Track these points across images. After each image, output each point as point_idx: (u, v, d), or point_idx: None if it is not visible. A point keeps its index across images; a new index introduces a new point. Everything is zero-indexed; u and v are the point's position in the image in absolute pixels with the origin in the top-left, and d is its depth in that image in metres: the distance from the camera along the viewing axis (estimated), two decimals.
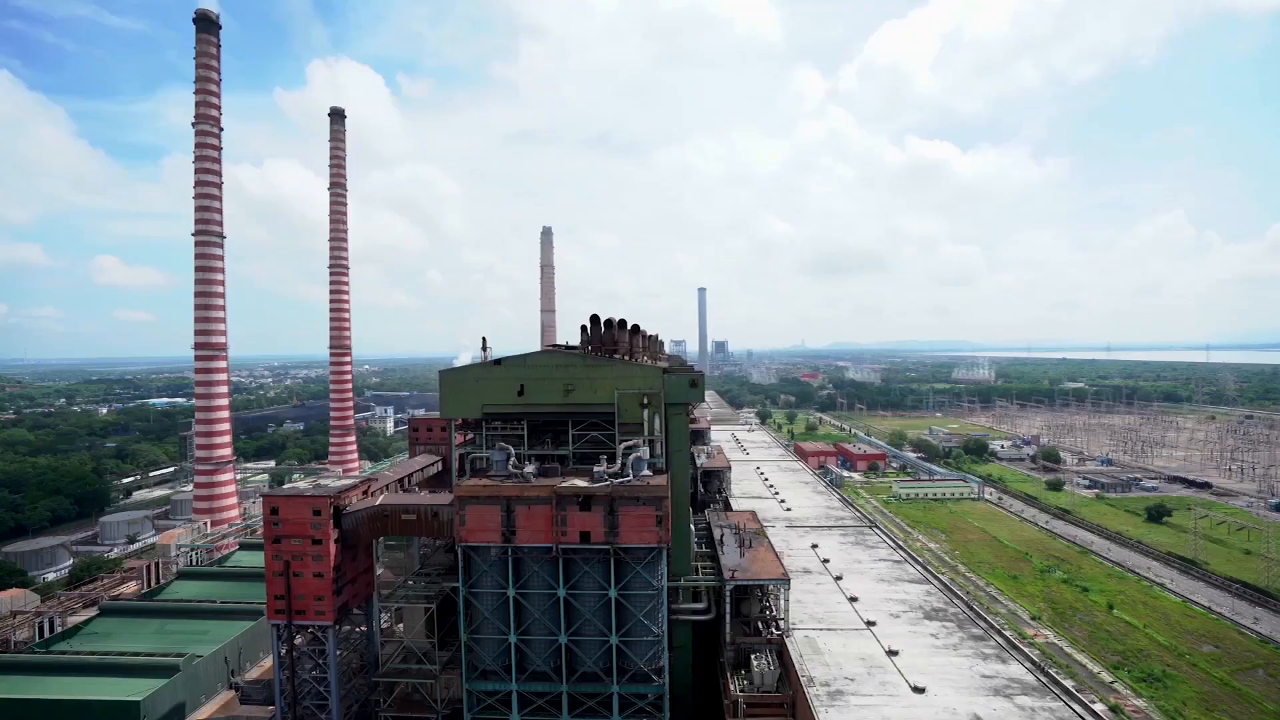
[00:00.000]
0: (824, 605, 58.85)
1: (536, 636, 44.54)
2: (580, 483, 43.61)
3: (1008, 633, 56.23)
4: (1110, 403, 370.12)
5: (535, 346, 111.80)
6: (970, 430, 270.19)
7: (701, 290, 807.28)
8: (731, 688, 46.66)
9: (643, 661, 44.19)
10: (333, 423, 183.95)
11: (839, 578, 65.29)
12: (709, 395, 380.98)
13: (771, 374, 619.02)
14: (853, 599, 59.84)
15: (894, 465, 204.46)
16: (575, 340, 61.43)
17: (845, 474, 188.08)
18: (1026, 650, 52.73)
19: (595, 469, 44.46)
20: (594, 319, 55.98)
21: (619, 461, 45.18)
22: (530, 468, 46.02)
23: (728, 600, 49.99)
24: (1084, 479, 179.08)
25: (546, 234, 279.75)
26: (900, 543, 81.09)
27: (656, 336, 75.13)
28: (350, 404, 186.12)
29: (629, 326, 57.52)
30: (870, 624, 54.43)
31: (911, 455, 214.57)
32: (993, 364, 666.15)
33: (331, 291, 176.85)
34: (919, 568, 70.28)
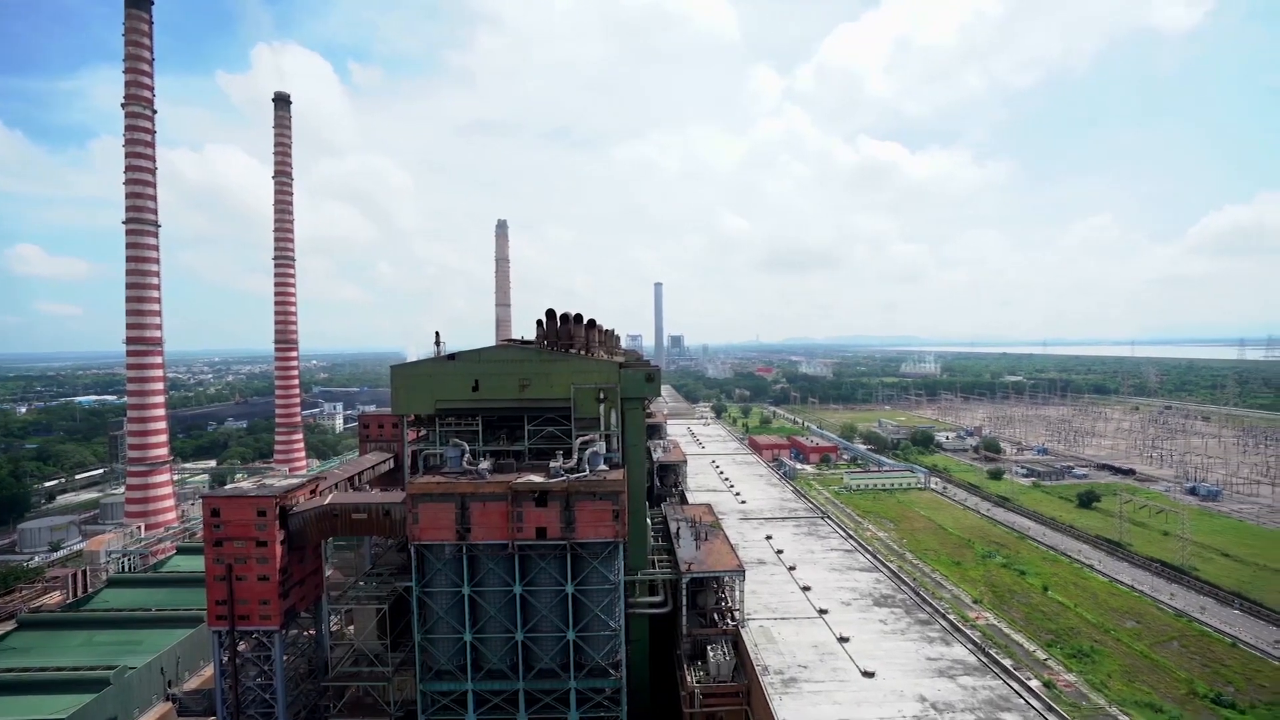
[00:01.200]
0: (778, 595, 60.07)
1: (492, 634, 44.06)
2: (536, 478, 43.28)
3: (951, 616, 58.55)
4: (1046, 395, 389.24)
5: (490, 341, 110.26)
6: (917, 422, 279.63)
7: (659, 285, 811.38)
8: (688, 679, 47.22)
9: (600, 656, 44.25)
10: (278, 420, 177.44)
11: (792, 568, 66.71)
12: (665, 390, 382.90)
13: (727, 369, 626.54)
14: (806, 588, 61.26)
15: (845, 457, 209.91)
16: (531, 335, 60.93)
17: (798, 466, 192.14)
18: (969, 632, 55.05)
19: (551, 464, 44.21)
20: (550, 313, 55.56)
21: (575, 457, 45.03)
22: (485, 464, 45.41)
23: (684, 593, 50.55)
24: (1022, 468, 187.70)
25: (502, 227, 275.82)
26: (851, 533, 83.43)
27: (613, 331, 75.07)
28: (297, 400, 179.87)
29: (585, 321, 57.31)
30: (823, 612, 55.86)
31: (862, 447, 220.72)
32: (939, 359, 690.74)
33: (277, 283, 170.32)
34: (869, 556, 72.43)
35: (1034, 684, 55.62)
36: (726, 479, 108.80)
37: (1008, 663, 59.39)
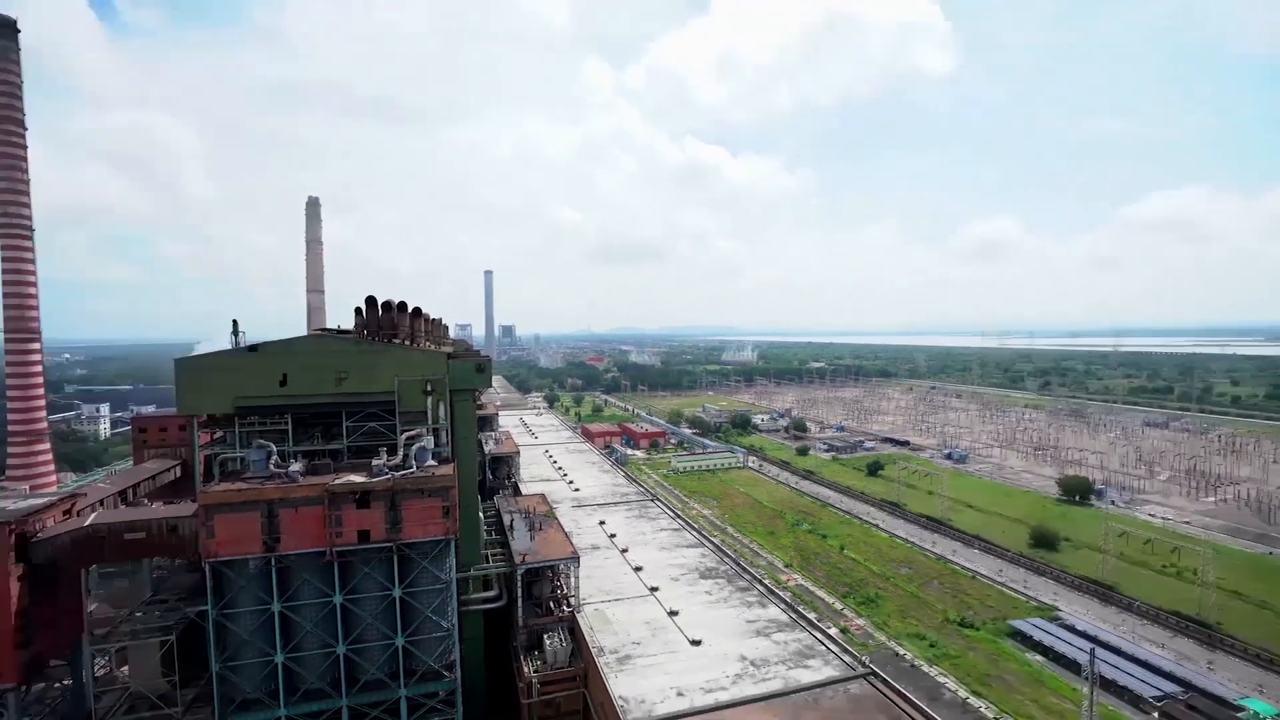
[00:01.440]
0: (612, 578, 61.96)
1: (309, 651, 40.23)
2: (357, 478, 40.20)
3: (767, 581, 64.64)
4: (843, 379, 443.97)
5: (301, 331, 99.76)
6: (737, 406, 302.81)
7: (489, 273, 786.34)
8: (525, 670, 47.09)
9: (433, 659, 42.45)
10: (13, 428, 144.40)
11: (625, 550, 69.15)
12: (497, 380, 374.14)
13: (559, 358, 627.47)
14: (638, 568, 63.87)
15: (673, 441, 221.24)
16: (350, 324, 56.16)
17: (629, 452, 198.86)
18: (781, 594, 61.23)
19: (374, 462, 41.30)
20: (370, 301, 51.64)
21: (401, 453, 42.54)
22: (296, 466, 41.19)
23: (519, 584, 50.20)
24: (824, 444, 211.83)
25: (313, 205, 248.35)
26: (679, 512, 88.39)
27: (440, 320, 71.71)
28: (41, 403, 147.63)
29: (411, 310, 54.09)
30: (654, 590, 58.68)
31: (688, 431, 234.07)
32: (756, 348, 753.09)
33: (6, 260, 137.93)
34: (695, 534, 77.33)
35: (833, 631, 63.48)
36: (560, 468, 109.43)
37: (813, 616, 67.10)
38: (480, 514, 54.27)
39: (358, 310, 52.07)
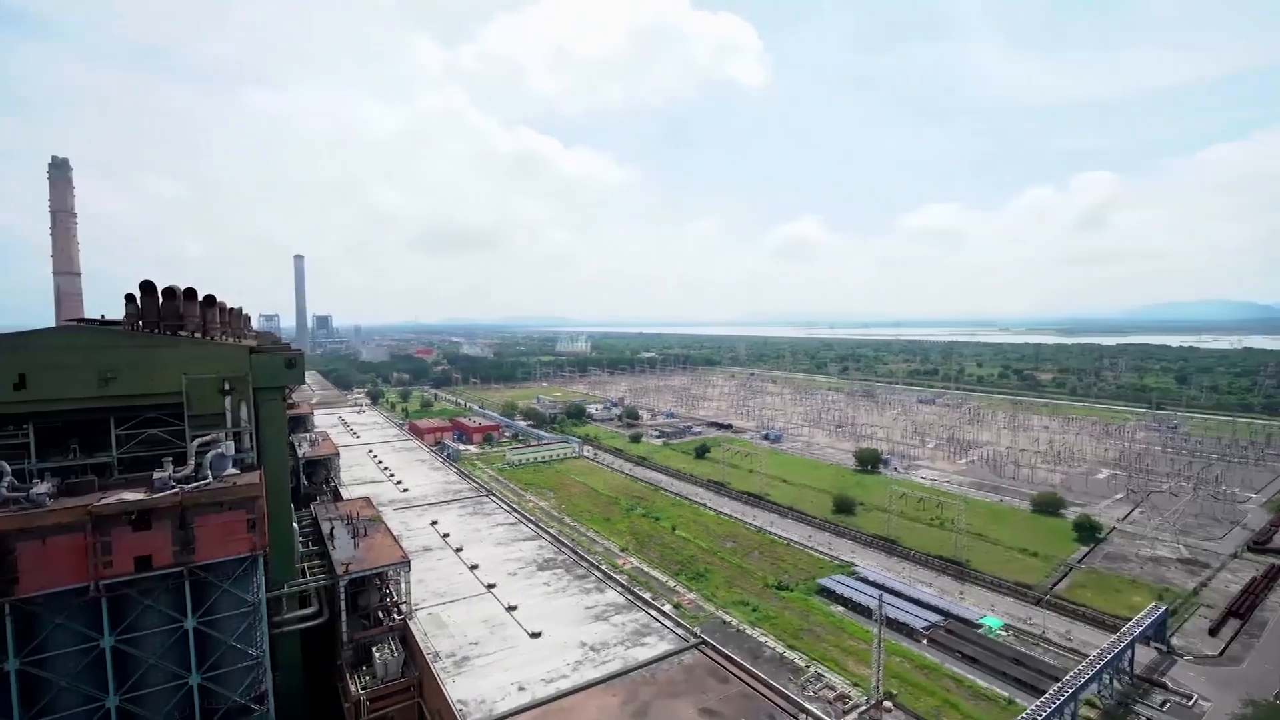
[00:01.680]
0: (446, 579, 59.50)
1: (67, 711, 33.49)
2: (133, 495, 34.22)
3: (604, 567, 66.13)
4: (672, 368, 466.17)
5: (48, 321, 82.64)
6: (571, 396, 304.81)
7: (299, 259, 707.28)
8: (352, 688, 43.63)
9: (238, 693, 37.59)
10: None
11: (460, 549, 66.72)
12: (311, 376, 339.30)
13: (383, 351, 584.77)
14: (474, 566, 61.99)
15: (508, 434, 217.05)
16: (118, 314, 47.31)
17: (462, 448, 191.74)
18: (618, 578, 63.01)
19: (156, 475, 35.44)
20: (147, 286, 43.86)
21: (192, 462, 36.99)
22: (44, 486, 34.00)
23: (343, 597, 46.28)
24: (655, 430, 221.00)
25: (60, 168, 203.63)
26: (515, 506, 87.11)
27: (241, 310, 63.12)
28: None
29: (203, 298, 46.95)
30: (491, 586, 57.36)
31: (522, 424, 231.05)
32: (589, 338, 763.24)
33: None
34: (532, 526, 76.76)
35: (667, 608, 66.73)
36: (386, 468, 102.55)
37: (648, 595, 69.94)
38: (295, 524, 49.04)
39: (129, 298, 43.98)
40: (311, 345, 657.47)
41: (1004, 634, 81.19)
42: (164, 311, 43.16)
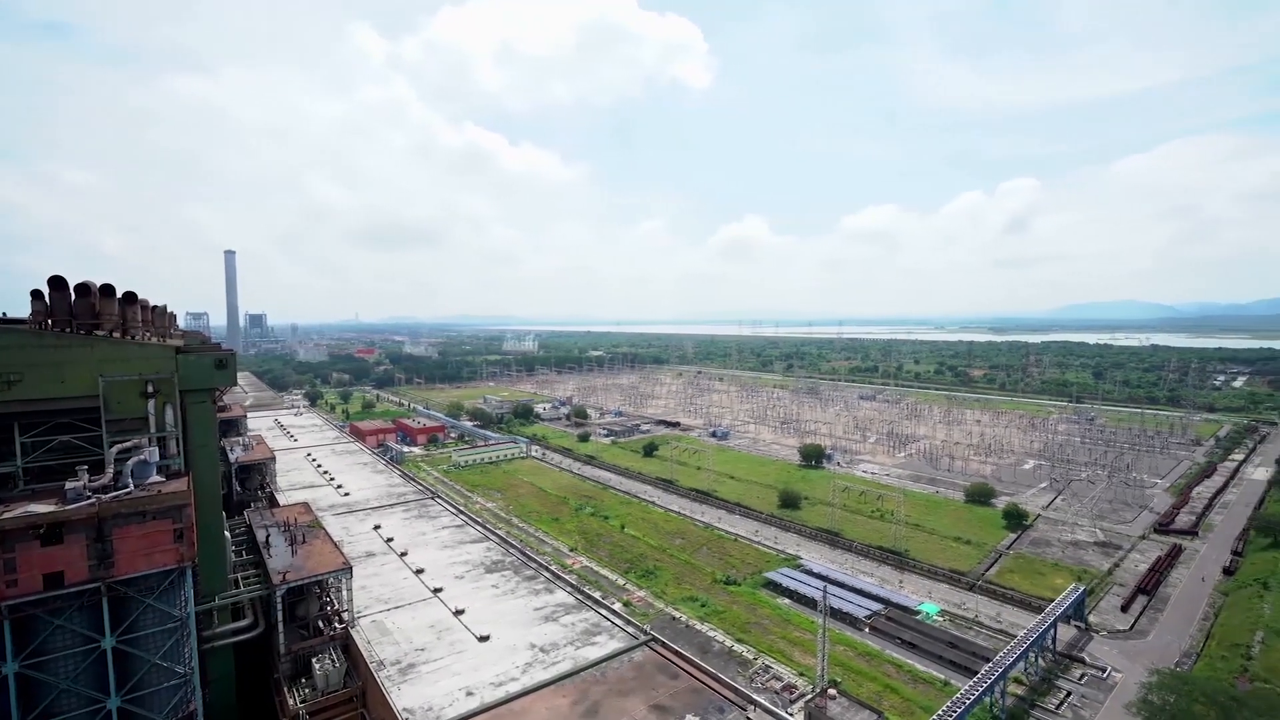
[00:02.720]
0: (391, 584, 57.90)
1: None
2: (41, 507, 31.85)
3: (553, 567, 65.70)
4: (620, 366, 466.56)
5: None
6: (519, 396, 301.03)
7: (230, 254, 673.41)
8: (290, 702, 41.91)
9: (164, 714, 35.53)
10: None
11: (404, 553, 65.04)
12: (244, 377, 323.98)
13: (322, 350, 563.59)
14: (419, 571, 60.54)
15: (453, 435, 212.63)
16: (22, 313, 43.85)
17: (406, 449, 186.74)
18: (567, 578, 62.67)
19: (69, 485, 33.07)
20: (57, 282, 40.80)
21: (110, 470, 34.71)
22: None
23: (279, 607, 44.36)
24: (604, 429, 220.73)
25: None
26: (461, 508, 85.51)
27: (165, 308, 59.57)
28: None
29: (122, 294, 44.04)
30: (437, 591, 56.13)
31: (469, 424, 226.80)
32: (536, 337, 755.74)
33: None
34: (479, 528, 75.52)
35: (617, 606, 66.78)
36: (326, 472, 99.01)
37: (598, 595, 69.84)
38: (227, 532, 46.69)
39: (36, 294, 40.84)
40: (244, 345, 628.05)
41: (940, 619, 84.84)
42: (77, 309, 40.28)
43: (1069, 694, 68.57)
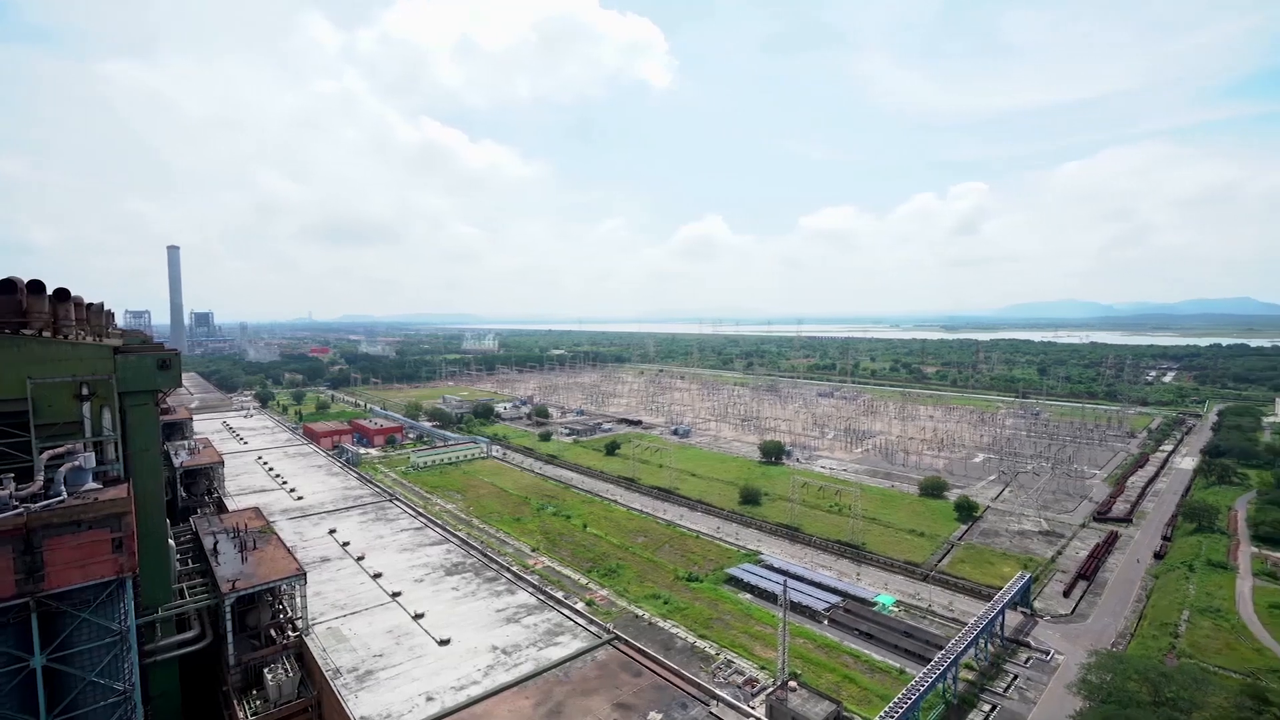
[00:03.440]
0: (347, 590, 56.46)
1: None
2: None
3: (514, 568, 64.99)
4: (582, 365, 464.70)
5: None
6: (479, 395, 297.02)
7: (174, 250, 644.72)
8: (240, 715, 40.47)
9: None
10: None
11: (361, 558, 63.51)
12: (189, 378, 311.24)
13: (274, 350, 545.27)
14: (377, 575, 59.19)
15: (411, 436, 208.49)
16: None
17: (362, 451, 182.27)
18: (529, 578, 62.14)
19: None
20: None
21: (40, 477, 32.85)
22: None
23: (228, 616, 42.77)
24: (566, 428, 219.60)
25: None
26: (420, 510, 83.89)
27: (103, 306, 56.69)
28: None
29: (52, 291, 41.70)
30: (396, 595, 54.97)
31: (427, 424, 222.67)
32: (496, 336, 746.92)
33: None
34: (438, 530, 74.25)
35: (579, 605, 66.53)
36: (278, 475, 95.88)
37: (560, 594, 69.50)
38: (172, 540, 44.74)
39: None
40: (190, 344, 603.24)
41: (896, 610, 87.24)
42: (4, 307, 37.98)
43: (1015, 677, 71.37)
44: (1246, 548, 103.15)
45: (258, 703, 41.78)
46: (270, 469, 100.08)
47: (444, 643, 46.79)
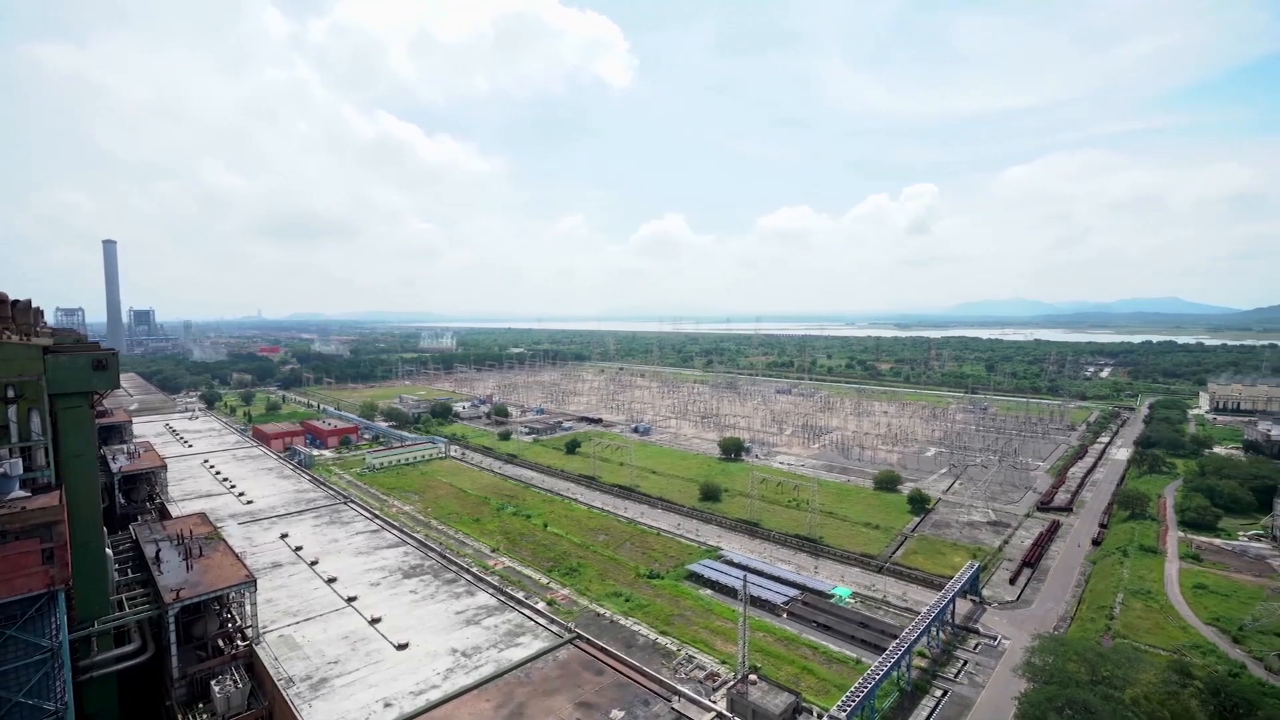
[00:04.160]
0: (300, 595, 54.85)
1: None
2: None
3: (474, 569, 64.24)
4: (541, 363, 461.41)
5: None
6: (436, 395, 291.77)
7: (110, 244, 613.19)
8: None
9: None
10: None
11: (314, 562, 61.80)
12: (129, 379, 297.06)
13: (221, 349, 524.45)
14: (331, 580, 57.70)
15: (367, 437, 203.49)
16: None
17: (316, 453, 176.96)
18: (489, 579, 61.49)
19: None
20: None
21: None
22: None
23: (172, 627, 41.07)
24: (525, 427, 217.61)
25: None
26: (377, 512, 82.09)
27: (29, 303, 53.53)
28: None
29: None
30: (351, 600, 53.69)
31: (383, 425, 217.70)
32: (455, 334, 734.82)
33: None
34: (396, 533, 72.77)
35: (541, 605, 66.17)
36: (226, 479, 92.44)
37: (521, 595, 68.91)
38: (109, 550, 42.64)
39: None
40: (129, 343, 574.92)
41: (853, 601, 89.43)
42: None
43: (965, 663, 74.06)
44: (1174, 533, 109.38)
45: (205, 716, 40.23)
46: (218, 473, 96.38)
47: (402, 647, 45.93)
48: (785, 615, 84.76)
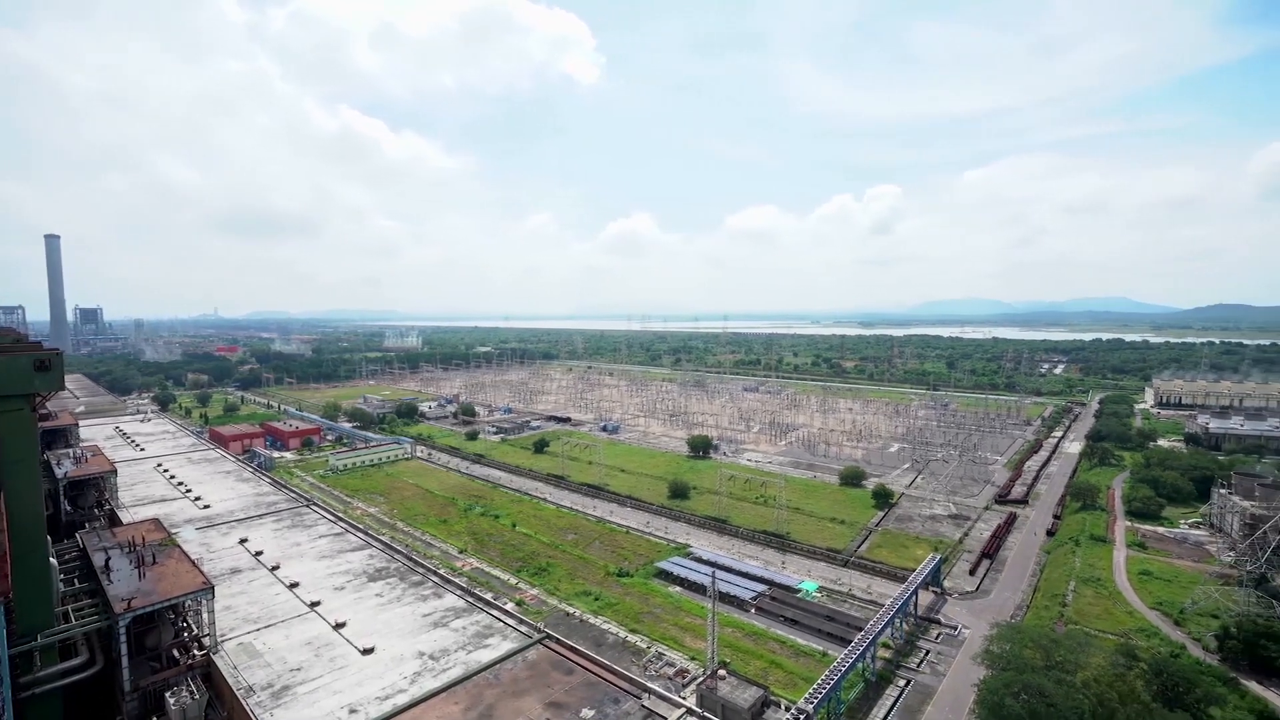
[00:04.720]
0: (260, 602, 53.44)
1: None
2: None
3: (442, 571, 63.43)
4: (509, 362, 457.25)
5: None
6: (402, 395, 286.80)
7: (53, 239, 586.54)
8: None
9: None
10: None
11: (276, 567, 60.27)
12: (75, 380, 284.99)
13: (175, 349, 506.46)
14: (294, 585, 56.35)
15: (330, 438, 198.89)
16: None
17: (276, 455, 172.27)
18: (457, 581, 60.79)
19: None
20: None
21: None
22: None
23: (123, 638, 39.59)
24: (493, 427, 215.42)
25: None
26: (340, 515, 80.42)
27: None
28: None
29: None
30: (315, 605, 52.55)
31: (347, 425, 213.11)
32: (420, 333, 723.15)
33: None
34: (360, 535, 71.42)
35: (510, 606, 65.65)
36: (181, 483, 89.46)
37: (489, 596, 68.26)
38: (54, 559, 40.84)
39: None
40: (75, 343, 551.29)
41: (819, 595, 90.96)
42: None
43: (927, 652, 76.02)
44: (1121, 522, 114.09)
45: None
46: (172, 477, 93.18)
47: (367, 651, 45.13)
48: (753, 610, 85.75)
